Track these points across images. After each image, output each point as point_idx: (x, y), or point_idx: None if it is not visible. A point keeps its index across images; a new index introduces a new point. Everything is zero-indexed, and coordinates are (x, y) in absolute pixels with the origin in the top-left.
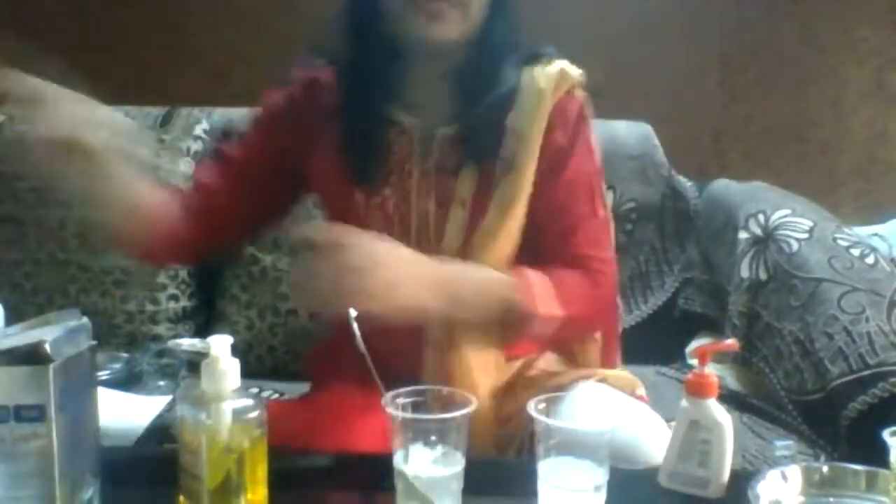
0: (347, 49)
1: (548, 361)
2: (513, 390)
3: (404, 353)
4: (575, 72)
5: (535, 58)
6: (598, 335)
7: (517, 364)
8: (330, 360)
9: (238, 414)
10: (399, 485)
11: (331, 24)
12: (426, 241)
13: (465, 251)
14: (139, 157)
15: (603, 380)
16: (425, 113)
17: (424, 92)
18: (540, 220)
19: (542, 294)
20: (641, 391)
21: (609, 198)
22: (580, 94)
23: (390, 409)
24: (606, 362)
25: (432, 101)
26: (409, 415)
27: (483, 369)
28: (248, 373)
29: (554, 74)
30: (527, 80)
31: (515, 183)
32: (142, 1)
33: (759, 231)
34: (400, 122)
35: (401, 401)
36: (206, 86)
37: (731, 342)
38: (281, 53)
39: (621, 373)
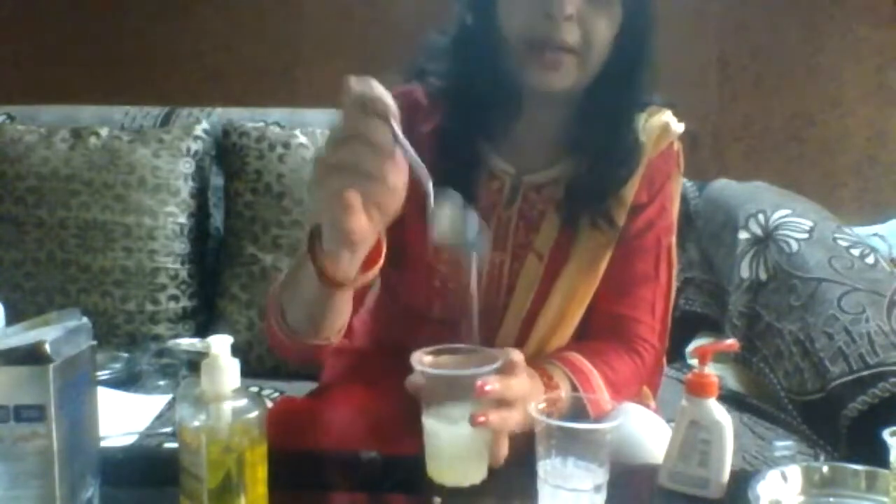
0: (452, 83)
1: None
2: None
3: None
4: (677, 127)
5: (641, 106)
6: None
7: None
8: (343, 357)
9: (238, 414)
10: (432, 442)
11: (434, 52)
12: (495, 292)
13: (538, 306)
14: None
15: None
16: (522, 162)
17: (527, 140)
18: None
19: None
20: (651, 402)
21: None
22: (677, 146)
23: (422, 368)
24: None
25: (533, 150)
26: (440, 371)
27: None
28: (248, 373)
29: (655, 129)
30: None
31: (601, 240)
32: (143, 1)
33: (759, 231)
34: (493, 167)
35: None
36: (206, 86)
37: (731, 342)
38: (281, 54)
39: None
